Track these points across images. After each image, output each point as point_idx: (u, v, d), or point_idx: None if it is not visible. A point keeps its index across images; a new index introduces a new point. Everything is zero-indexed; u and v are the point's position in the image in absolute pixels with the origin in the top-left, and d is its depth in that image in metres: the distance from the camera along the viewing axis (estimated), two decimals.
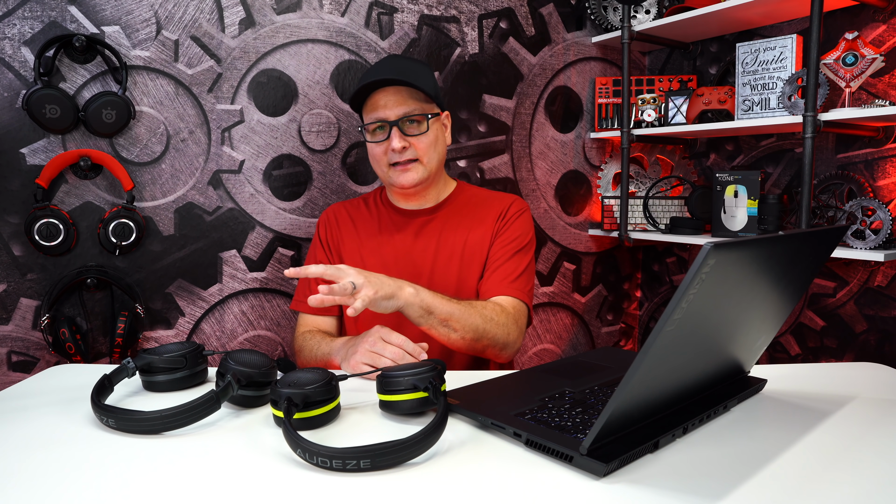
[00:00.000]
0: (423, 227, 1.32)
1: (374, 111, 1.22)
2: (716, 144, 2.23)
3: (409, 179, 1.23)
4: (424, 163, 1.24)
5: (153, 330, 1.76)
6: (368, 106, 1.24)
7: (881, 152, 1.76)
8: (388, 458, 0.65)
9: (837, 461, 0.68)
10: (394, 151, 1.21)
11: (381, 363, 0.98)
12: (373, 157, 1.27)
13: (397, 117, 1.20)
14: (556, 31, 2.21)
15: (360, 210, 1.38)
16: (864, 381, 0.98)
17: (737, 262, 0.62)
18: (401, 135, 1.20)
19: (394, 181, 1.25)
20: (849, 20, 1.80)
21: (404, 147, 1.20)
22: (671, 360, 0.66)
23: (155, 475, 0.64)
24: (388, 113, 1.20)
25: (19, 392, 0.90)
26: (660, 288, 2.43)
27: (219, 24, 1.75)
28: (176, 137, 1.74)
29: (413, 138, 1.21)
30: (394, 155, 1.22)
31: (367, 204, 1.39)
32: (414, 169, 1.23)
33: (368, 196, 1.42)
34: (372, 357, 1.00)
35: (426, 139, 1.23)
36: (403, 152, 1.21)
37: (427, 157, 1.24)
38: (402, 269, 1.29)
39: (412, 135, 1.21)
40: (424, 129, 1.22)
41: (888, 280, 1.77)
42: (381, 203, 1.37)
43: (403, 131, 1.21)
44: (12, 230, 1.60)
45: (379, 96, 1.22)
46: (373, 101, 1.23)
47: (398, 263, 1.30)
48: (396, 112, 1.20)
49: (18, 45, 1.57)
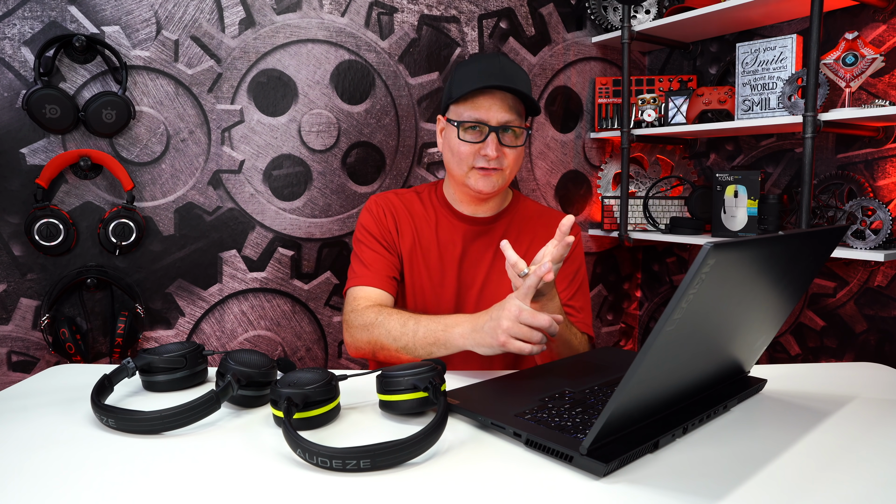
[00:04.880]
0: (481, 236, 1.29)
1: (476, 111, 1.18)
2: (716, 144, 2.23)
3: (490, 186, 1.20)
4: (507, 174, 1.21)
5: (153, 330, 1.76)
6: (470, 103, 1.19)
7: (881, 152, 1.76)
8: (388, 458, 0.65)
9: (837, 461, 0.68)
10: (486, 157, 1.18)
11: (535, 338, 0.92)
12: (457, 154, 1.22)
13: (499, 124, 1.17)
14: (556, 31, 2.21)
15: (414, 203, 1.32)
16: (864, 381, 0.98)
17: (737, 262, 0.62)
18: (497, 143, 1.18)
19: (473, 184, 1.22)
20: (849, 20, 1.80)
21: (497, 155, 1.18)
22: (671, 360, 0.66)
23: (155, 475, 0.64)
24: (492, 117, 1.17)
25: (19, 392, 0.90)
26: (660, 288, 2.43)
27: (219, 24, 1.75)
28: (176, 137, 1.74)
29: (507, 148, 1.19)
30: (482, 160, 1.19)
31: (421, 198, 1.33)
32: (496, 176, 1.20)
33: (421, 190, 1.35)
34: (522, 331, 0.92)
35: (517, 152, 1.21)
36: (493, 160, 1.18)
37: (512, 168, 1.21)
38: (453, 273, 1.27)
39: (507, 145, 1.19)
40: (521, 143, 1.20)
41: (888, 280, 1.77)
42: (437, 200, 1.32)
43: (500, 140, 1.18)
44: (12, 230, 1.60)
45: (485, 97, 1.18)
46: (477, 100, 1.19)
47: (450, 266, 1.27)
48: (499, 119, 1.17)
49: (18, 45, 1.57)
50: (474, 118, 1.18)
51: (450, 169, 1.26)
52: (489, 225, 1.30)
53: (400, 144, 1.98)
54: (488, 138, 1.17)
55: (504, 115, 1.17)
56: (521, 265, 0.96)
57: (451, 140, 1.23)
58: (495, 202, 1.30)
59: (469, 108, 1.19)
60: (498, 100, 1.17)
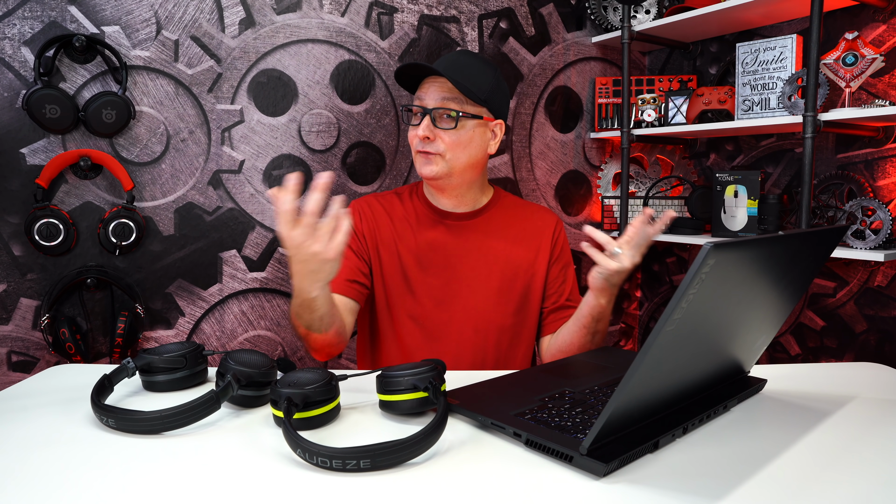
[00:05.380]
0: (462, 231, 1.30)
1: (419, 93, 1.24)
2: (716, 144, 2.23)
3: (429, 171, 1.22)
4: (447, 159, 1.22)
5: (153, 330, 1.76)
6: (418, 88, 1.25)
7: (881, 152, 1.76)
8: (388, 458, 0.65)
9: (837, 461, 0.68)
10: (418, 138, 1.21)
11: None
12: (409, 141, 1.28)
13: (433, 106, 1.20)
14: (556, 31, 2.21)
15: (393, 204, 1.34)
16: (864, 381, 0.98)
17: (737, 262, 0.62)
18: (430, 125, 1.20)
19: (417, 168, 1.25)
20: (849, 20, 1.80)
21: (427, 137, 1.19)
22: (671, 360, 0.66)
23: (155, 475, 0.64)
24: (427, 100, 1.21)
25: (19, 392, 0.90)
26: (660, 288, 2.43)
27: (219, 24, 1.75)
28: (176, 137, 1.74)
29: (442, 132, 1.20)
30: (417, 142, 1.22)
31: (402, 198, 1.35)
32: (434, 161, 1.22)
33: (402, 191, 1.37)
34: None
35: (454, 136, 1.21)
36: (426, 142, 1.20)
37: (452, 153, 1.21)
38: (438, 268, 1.27)
39: (441, 128, 1.20)
40: (453, 126, 1.21)
41: (888, 280, 1.77)
42: (417, 198, 1.34)
43: (435, 122, 1.21)
44: (12, 230, 1.60)
45: (426, 84, 1.23)
46: (421, 85, 1.24)
47: (435, 262, 1.27)
48: (433, 102, 1.20)
49: (18, 45, 1.57)
50: (416, 100, 1.23)
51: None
52: (469, 220, 1.31)
53: (400, 144, 1.98)
54: (423, 120, 1.21)
55: (437, 98, 1.20)
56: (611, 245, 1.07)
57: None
58: (468, 197, 1.31)
59: (416, 93, 1.25)
60: (436, 85, 1.21)
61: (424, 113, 1.20)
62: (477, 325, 1.25)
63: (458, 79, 1.18)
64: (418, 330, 1.25)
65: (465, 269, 1.27)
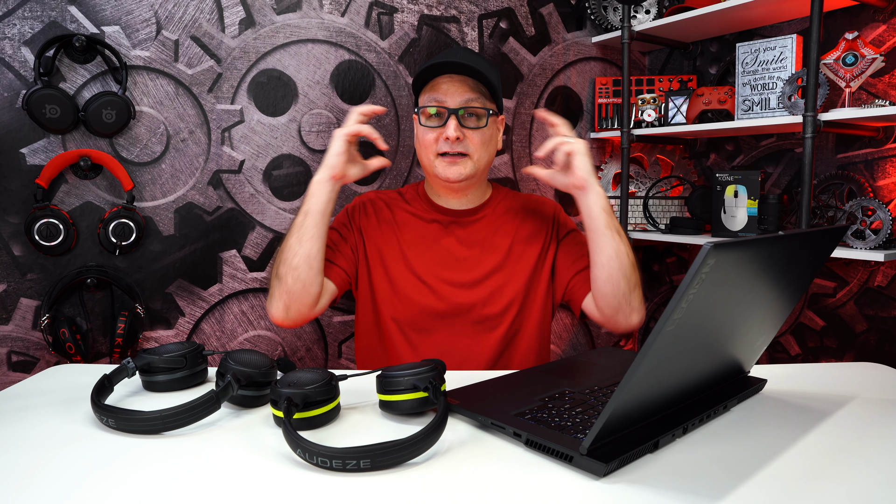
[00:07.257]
0: (467, 228, 1.28)
1: (435, 94, 1.17)
2: (716, 144, 2.23)
3: (456, 173, 1.18)
4: (475, 159, 1.18)
5: (153, 330, 1.76)
6: (429, 88, 1.19)
7: (881, 152, 1.76)
8: (388, 458, 0.65)
9: (837, 461, 0.68)
10: (447, 140, 1.15)
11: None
12: (421, 144, 1.21)
13: (458, 105, 1.15)
14: (556, 31, 2.21)
15: (397, 202, 1.32)
16: (864, 381, 0.98)
17: (737, 262, 0.62)
18: (458, 125, 1.15)
19: (439, 172, 1.19)
20: (849, 20, 1.80)
21: (458, 138, 1.15)
22: (671, 360, 0.66)
23: (155, 475, 0.64)
24: (450, 99, 1.15)
25: (19, 392, 0.90)
26: (660, 288, 2.43)
27: (219, 24, 1.75)
28: (176, 137, 1.74)
29: (469, 131, 1.16)
30: (445, 144, 1.16)
31: (405, 197, 1.33)
32: (462, 163, 1.17)
33: (404, 190, 1.35)
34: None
35: (482, 135, 1.18)
36: (456, 143, 1.16)
37: (479, 153, 1.18)
38: (445, 267, 1.25)
39: (469, 127, 1.16)
40: (483, 124, 1.17)
41: (888, 280, 1.77)
42: (419, 197, 1.31)
43: (461, 122, 1.16)
44: (12, 230, 1.60)
45: (443, 80, 1.17)
46: (435, 85, 1.18)
47: (441, 260, 1.26)
48: (458, 100, 1.15)
49: (18, 45, 1.57)
50: (434, 101, 1.17)
51: (420, 161, 1.25)
52: (474, 216, 1.29)
53: (400, 144, 1.98)
54: (448, 121, 1.15)
55: (463, 96, 1.16)
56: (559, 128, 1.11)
57: (417, 130, 1.23)
58: (475, 194, 1.29)
59: (428, 93, 1.19)
60: (457, 81, 1.17)
61: (449, 113, 1.15)
62: (478, 325, 1.25)
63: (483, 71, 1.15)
64: (419, 328, 1.25)
65: (472, 265, 1.27)
